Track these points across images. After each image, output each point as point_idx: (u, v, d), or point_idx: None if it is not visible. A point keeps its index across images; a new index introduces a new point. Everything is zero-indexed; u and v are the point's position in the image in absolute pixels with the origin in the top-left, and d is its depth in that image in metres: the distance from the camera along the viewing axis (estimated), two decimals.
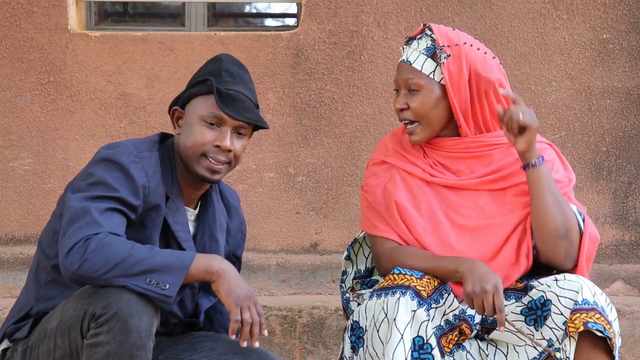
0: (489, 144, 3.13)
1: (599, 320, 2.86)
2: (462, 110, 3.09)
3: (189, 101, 2.94)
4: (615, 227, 4.65)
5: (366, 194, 3.18)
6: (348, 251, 3.27)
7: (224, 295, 2.73)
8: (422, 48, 3.11)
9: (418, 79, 3.09)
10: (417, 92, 3.10)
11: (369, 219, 3.16)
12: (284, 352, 4.25)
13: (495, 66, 3.12)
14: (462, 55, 3.08)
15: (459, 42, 3.10)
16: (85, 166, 2.89)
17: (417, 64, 3.10)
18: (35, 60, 4.63)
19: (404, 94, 3.12)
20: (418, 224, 3.08)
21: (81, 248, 2.67)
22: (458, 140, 3.13)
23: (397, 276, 2.95)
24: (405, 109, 3.11)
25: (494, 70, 3.11)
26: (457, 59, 3.08)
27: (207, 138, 2.90)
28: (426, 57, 3.10)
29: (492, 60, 3.13)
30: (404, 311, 2.87)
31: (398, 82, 3.14)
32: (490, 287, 2.87)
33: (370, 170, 3.21)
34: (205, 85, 2.91)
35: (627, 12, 4.62)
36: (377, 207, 3.14)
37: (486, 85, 3.09)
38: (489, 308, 2.86)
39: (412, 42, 3.14)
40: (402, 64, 3.13)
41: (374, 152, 3.25)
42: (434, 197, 3.11)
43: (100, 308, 2.63)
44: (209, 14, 4.91)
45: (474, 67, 3.08)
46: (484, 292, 2.86)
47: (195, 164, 2.91)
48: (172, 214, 2.92)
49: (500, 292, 2.87)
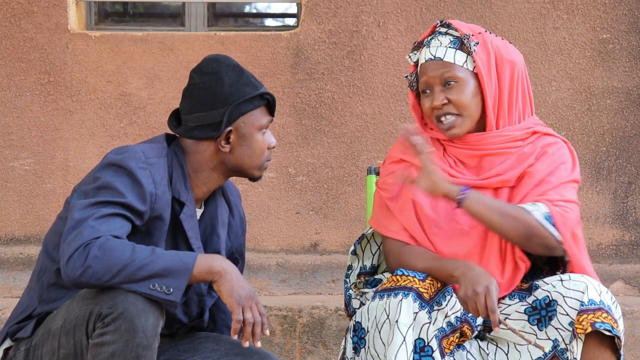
0: (512, 139, 3.11)
1: (607, 320, 2.86)
2: (492, 98, 3.08)
3: (238, 117, 2.96)
4: (615, 227, 4.66)
5: (382, 191, 3.16)
6: (354, 246, 3.25)
7: (226, 295, 2.73)
8: (447, 42, 3.09)
9: (454, 71, 3.06)
10: (456, 84, 3.06)
11: (379, 217, 3.15)
12: (284, 352, 4.25)
13: (515, 50, 3.13)
14: (488, 42, 3.08)
15: (480, 31, 3.10)
16: (93, 169, 2.88)
17: (449, 57, 3.07)
18: (35, 60, 4.63)
19: (439, 90, 3.08)
20: (434, 224, 3.07)
21: (82, 254, 2.66)
22: (482, 135, 3.11)
23: (399, 277, 2.94)
24: (446, 104, 3.07)
25: (516, 54, 3.12)
26: (484, 46, 3.07)
27: (265, 145, 2.98)
28: (455, 50, 3.08)
29: (510, 44, 3.14)
30: (406, 313, 2.87)
31: (429, 81, 3.09)
32: (481, 289, 2.86)
33: (388, 168, 3.19)
34: (261, 100, 2.97)
35: (627, 12, 4.63)
36: (393, 205, 3.12)
37: (512, 69, 3.09)
38: (482, 309, 2.85)
39: (429, 42, 3.11)
40: (431, 62, 3.09)
41: (391, 150, 3.22)
42: None
43: (107, 308, 2.63)
44: (209, 14, 4.91)
45: (499, 52, 3.08)
46: (475, 294, 2.85)
47: (256, 171, 3.00)
48: (187, 221, 2.94)
49: (492, 293, 2.86)
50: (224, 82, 2.94)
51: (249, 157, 2.97)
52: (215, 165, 2.97)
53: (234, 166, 2.98)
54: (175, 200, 2.92)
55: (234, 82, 2.94)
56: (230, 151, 2.96)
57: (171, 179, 2.92)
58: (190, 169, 2.97)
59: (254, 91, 2.95)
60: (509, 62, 3.09)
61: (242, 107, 2.94)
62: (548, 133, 3.16)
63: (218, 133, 2.92)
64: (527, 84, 3.14)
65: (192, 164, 2.97)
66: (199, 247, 2.96)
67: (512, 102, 3.11)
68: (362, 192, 4.60)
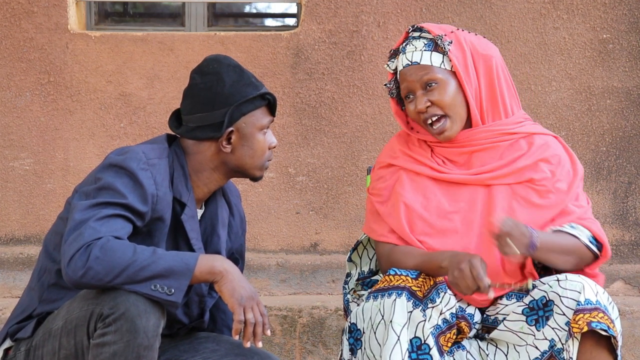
0: (500, 133, 3.13)
1: (603, 320, 2.86)
2: (474, 94, 3.09)
3: (240, 118, 2.95)
4: (615, 227, 4.66)
5: (372, 196, 3.18)
6: (350, 253, 3.27)
7: (227, 296, 2.73)
8: (421, 46, 3.11)
9: (433, 73, 3.08)
10: (436, 85, 3.08)
11: (370, 222, 3.17)
12: (284, 352, 4.25)
13: (490, 44, 3.15)
14: (461, 39, 3.10)
15: (452, 30, 3.12)
16: (94, 170, 2.88)
17: (425, 60, 3.09)
18: (35, 60, 4.62)
19: (421, 94, 3.10)
20: (427, 224, 3.08)
21: (83, 255, 2.66)
22: (469, 131, 3.13)
23: (392, 277, 2.95)
24: (430, 106, 3.09)
25: (491, 48, 3.14)
26: (458, 44, 3.09)
27: (266, 145, 2.99)
28: (430, 52, 3.10)
29: (484, 39, 3.16)
30: (400, 313, 2.87)
31: (409, 87, 3.11)
32: (464, 265, 2.87)
33: (377, 173, 3.21)
34: (262, 100, 2.97)
35: (627, 12, 4.63)
36: (382, 209, 3.13)
37: (489, 63, 3.10)
38: (470, 283, 2.85)
39: (404, 48, 3.13)
40: (409, 68, 3.11)
41: (380, 155, 3.24)
42: (443, 196, 3.10)
43: (108, 308, 2.63)
44: (209, 14, 4.91)
45: (474, 48, 3.10)
46: (460, 272, 2.87)
47: (258, 171, 3.00)
48: (188, 221, 2.94)
49: (475, 264, 2.86)
50: (224, 83, 2.94)
51: (250, 157, 2.97)
52: (216, 166, 2.97)
53: (235, 166, 2.98)
54: (176, 201, 2.92)
55: (235, 83, 2.94)
56: (232, 151, 2.96)
57: (172, 179, 2.92)
58: (191, 169, 2.97)
59: (255, 91, 2.95)
60: (485, 57, 3.11)
61: (243, 108, 2.95)
62: (538, 132, 3.17)
63: (219, 133, 2.93)
64: (507, 76, 3.15)
65: (193, 164, 2.97)
66: (200, 247, 2.97)
67: (496, 96, 3.12)
68: (362, 192, 4.60)
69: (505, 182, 3.10)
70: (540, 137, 3.17)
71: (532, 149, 3.14)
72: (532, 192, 3.09)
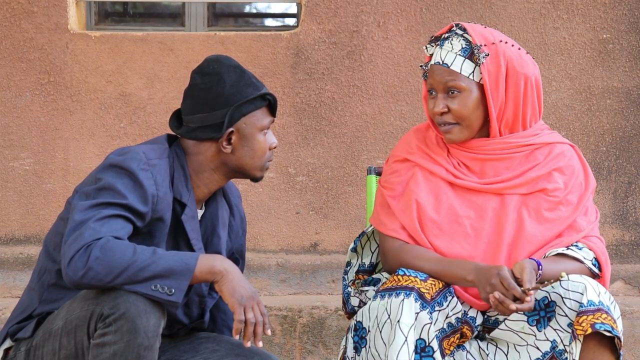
0: (516, 145, 3.11)
1: (606, 320, 2.85)
2: (497, 109, 3.07)
3: (240, 118, 2.95)
4: (615, 227, 4.66)
5: (384, 189, 3.15)
6: (355, 243, 3.25)
7: (228, 296, 2.73)
8: (458, 49, 3.06)
9: (459, 81, 3.04)
10: (458, 93, 3.05)
11: (380, 215, 3.14)
12: (284, 352, 4.25)
13: (530, 61, 3.10)
14: (500, 54, 3.04)
15: (494, 41, 3.06)
16: (94, 170, 2.88)
17: (456, 66, 3.05)
18: (35, 60, 4.62)
19: (442, 97, 3.07)
20: (436, 226, 3.07)
21: (83, 256, 2.66)
22: (486, 141, 3.10)
23: (401, 277, 2.94)
24: (445, 112, 3.07)
25: (529, 66, 3.08)
26: (495, 58, 3.04)
27: (266, 145, 2.98)
28: (464, 59, 3.05)
29: (526, 55, 3.10)
30: (407, 313, 2.86)
31: (434, 85, 3.08)
32: (495, 280, 2.87)
33: (392, 167, 3.18)
34: (262, 100, 2.97)
35: (627, 12, 4.63)
36: (394, 204, 3.12)
37: (524, 82, 3.06)
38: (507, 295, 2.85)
39: (443, 42, 3.09)
40: (438, 67, 3.07)
41: (395, 148, 3.21)
42: (455, 199, 3.09)
43: (108, 308, 2.63)
44: (209, 14, 4.91)
45: (511, 64, 3.05)
46: (493, 287, 2.87)
47: (258, 172, 3.00)
48: (189, 222, 2.94)
49: (505, 275, 2.85)
50: (225, 83, 2.94)
51: (250, 157, 2.97)
52: (217, 166, 2.97)
53: (235, 167, 2.97)
54: (177, 202, 2.92)
55: (236, 83, 2.94)
56: (232, 152, 2.96)
57: (172, 180, 2.92)
58: (192, 169, 2.97)
59: (255, 92, 2.95)
60: (520, 74, 3.06)
61: (243, 108, 2.94)
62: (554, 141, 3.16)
63: (219, 134, 2.92)
64: (537, 95, 3.11)
65: (194, 164, 2.97)
66: (200, 248, 2.97)
67: (519, 113, 3.09)
68: (362, 192, 4.60)
69: (518, 192, 3.09)
70: (557, 147, 3.15)
71: (547, 158, 3.12)
72: (544, 203, 3.07)
